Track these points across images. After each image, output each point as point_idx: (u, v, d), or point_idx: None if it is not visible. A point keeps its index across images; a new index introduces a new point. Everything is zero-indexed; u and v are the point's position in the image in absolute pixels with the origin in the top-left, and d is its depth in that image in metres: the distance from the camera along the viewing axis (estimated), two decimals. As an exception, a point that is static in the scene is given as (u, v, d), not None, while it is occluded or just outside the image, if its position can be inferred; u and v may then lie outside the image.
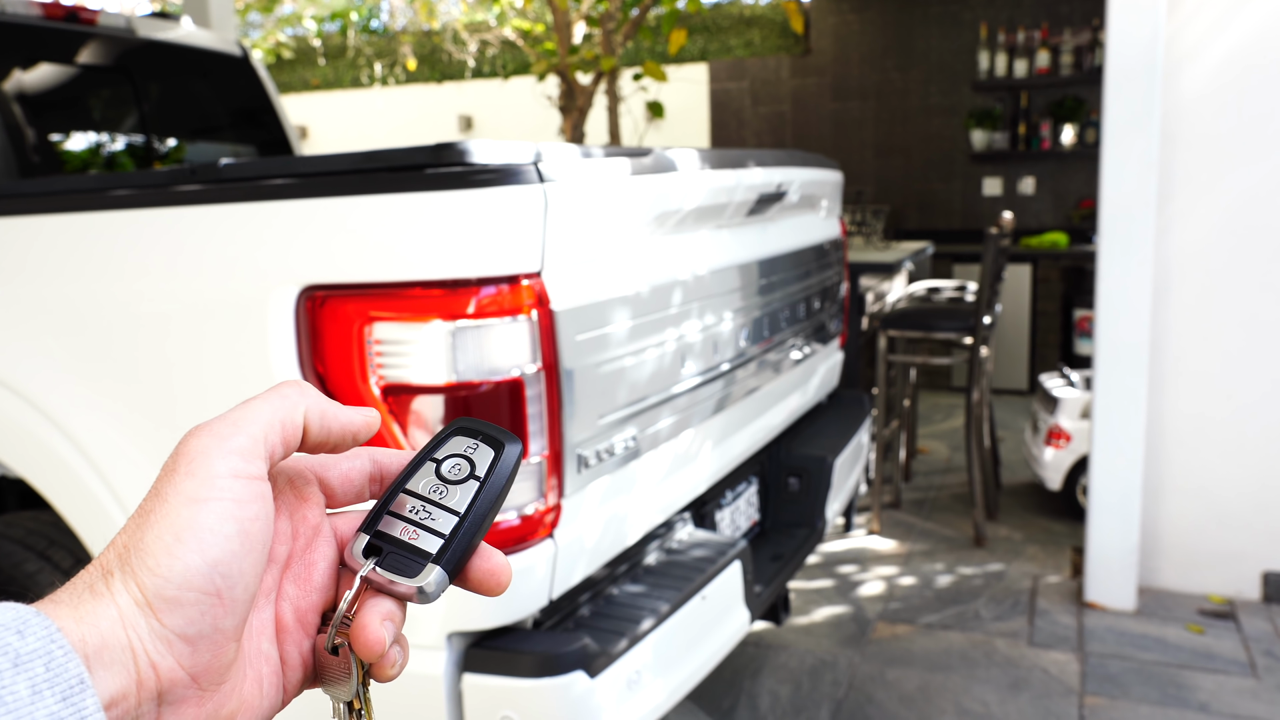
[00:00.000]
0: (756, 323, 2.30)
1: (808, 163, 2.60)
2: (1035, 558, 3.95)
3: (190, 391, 1.60)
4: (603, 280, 1.67)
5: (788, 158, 2.44)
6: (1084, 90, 6.99)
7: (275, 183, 1.54)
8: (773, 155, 2.33)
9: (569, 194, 1.54)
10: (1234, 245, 3.38)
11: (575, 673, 1.51)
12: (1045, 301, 6.68)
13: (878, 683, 3.02)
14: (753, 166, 2.19)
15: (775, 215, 2.41)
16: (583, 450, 1.68)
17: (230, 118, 3.96)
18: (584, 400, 1.64)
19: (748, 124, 8.01)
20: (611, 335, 1.70)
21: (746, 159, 2.18)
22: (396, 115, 9.19)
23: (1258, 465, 3.45)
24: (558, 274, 1.56)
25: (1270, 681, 2.96)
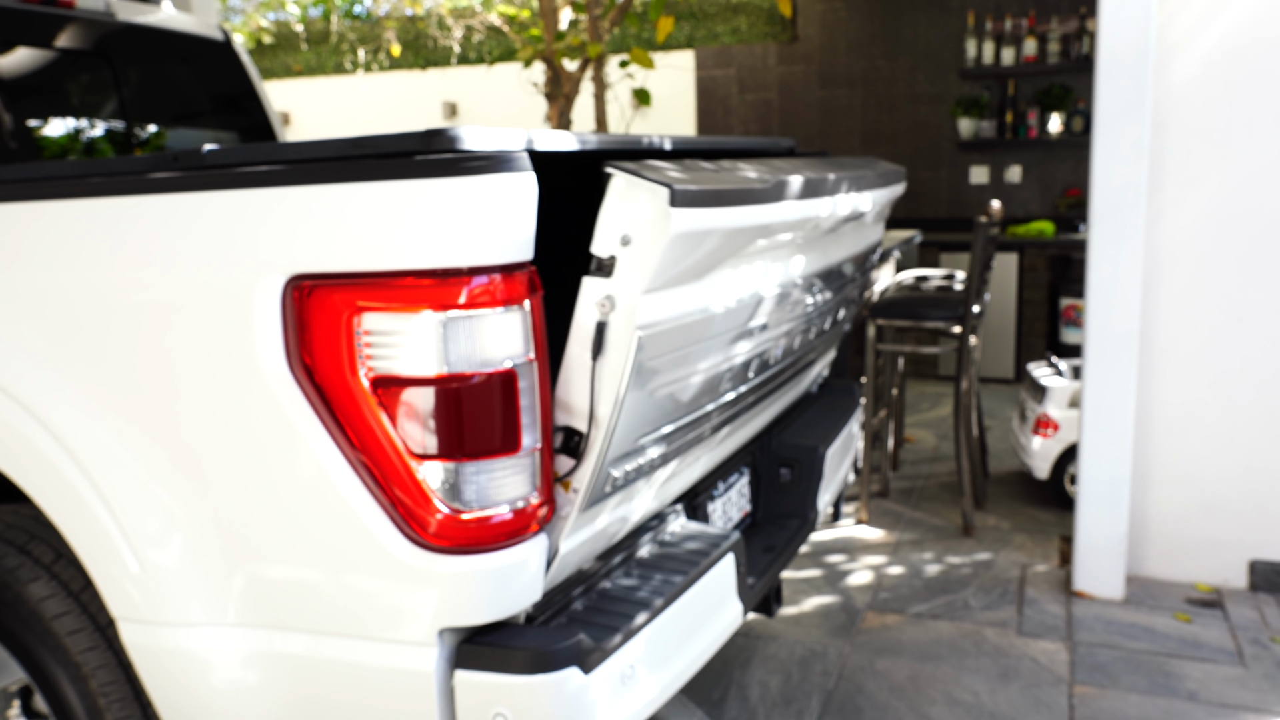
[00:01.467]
0: (800, 332, 2.30)
1: (889, 180, 2.59)
2: (1023, 547, 3.95)
3: (173, 382, 1.57)
4: (681, 303, 1.66)
5: (874, 176, 2.41)
6: (1071, 79, 6.98)
7: (261, 169, 1.50)
8: (860, 175, 2.30)
9: (690, 223, 1.52)
10: (1223, 234, 3.38)
11: (569, 669, 1.49)
12: (1031, 290, 6.69)
13: (867, 672, 3.02)
14: (845, 191, 2.17)
15: (844, 229, 2.40)
16: (614, 470, 1.66)
17: (212, 104, 3.90)
18: (633, 422, 1.64)
19: (734, 111, 7.97)
20: (678, 358, 1.70)
21: (841, 182, 2.15)
22: (380, 102, 9.11)
23: (1245, 454, 3.45)
24: (650, 301, 1.55)
25: (1257, 670, 2.96)
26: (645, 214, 1.49)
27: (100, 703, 1.75)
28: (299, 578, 1.56)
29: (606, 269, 1.54)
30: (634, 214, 1.50)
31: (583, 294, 1.56)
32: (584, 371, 1.58)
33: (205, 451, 1.57)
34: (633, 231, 1.51)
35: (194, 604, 1.61)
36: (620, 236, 1.53)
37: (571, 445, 1.61)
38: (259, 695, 1.62)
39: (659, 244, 1.50)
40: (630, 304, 1.53)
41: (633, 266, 1.52)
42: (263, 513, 1.55)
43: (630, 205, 1.50)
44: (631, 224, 1.51)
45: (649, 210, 1.49)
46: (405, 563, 1.48)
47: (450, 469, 1.45)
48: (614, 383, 1.57)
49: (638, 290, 1.53)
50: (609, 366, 1.56)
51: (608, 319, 1.55)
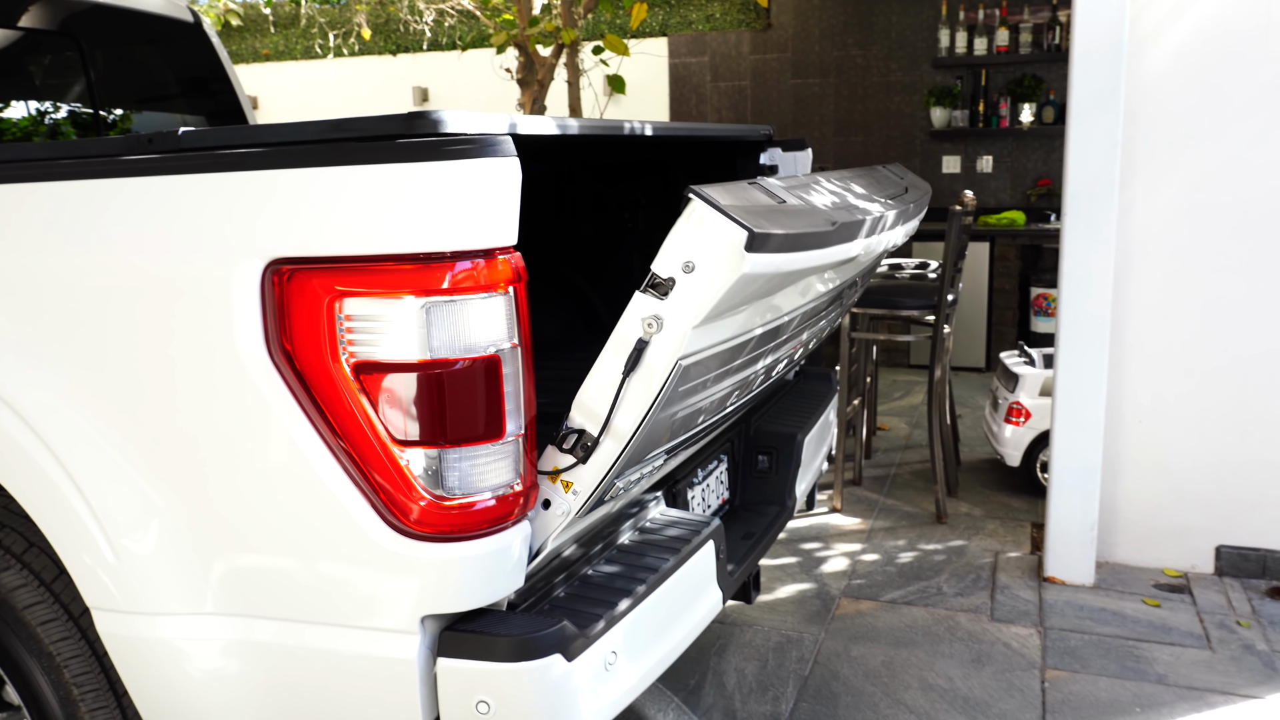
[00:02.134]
0: (810, 339, 2.30)
1: (925, 202, 2.60)
2: (995, 533, 3.99)
3: (150, 368, 1.54)
4: (722, 330, 1.67)
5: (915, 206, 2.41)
6: (1043, 69, 7.03)
7: (239, 152, 1.48)
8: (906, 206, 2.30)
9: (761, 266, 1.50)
10: (1194, 224, 3.42)
11: (552, 656, 1.48)
12: (1003, 279, 6.74)
13: (843, 659, 3.03)
14: (898, 225, 2.17)
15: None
16: (619, 480, 1.65)
17: (180, 86, 3.84)
18: (649, 439, 1.63)
19: (707, 99, 7.96)
20: (706, 381, 1.70)
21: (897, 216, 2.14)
22: (350, 87, 9.01)
23: (1213, 442, 3.50)
24: (698, 332, 1.54)
25: (1224, 653, 3.01)
26: (717, 249, 1.47)
27: (74, 694, 1.72)
28: (279, 566, 1.54)
29: (662, 289, 1.52)
30: (705, 245, 1.47)
31: (631, 308, 1.53)
32: (611, 381, 1.56)
33: (184, 438, 1.55)
34: (700, 262, 1.48)
35: (171, 593, 1.59)
36: (684, 262, 1.50)
37: (578, 446, 1.59)
38: (238, 685, 1.60)
39: (724, 282, 1.47)
40: (679, 332, 1.51)
41: (691, 296, 1.50)
42: (242, 500, 1.53)
43: (703, 235, 1.47)
44: (700, 254, 1.48)
45: (722, 247, 1.46)
46: (387, 550, 1.46)
47: (433, 455, 1.44)
48: (642, 402, 1.56)
49: (690, 321, 1.51)
50: (640, 385, 1.55)
51: (650, 339, 1.53)
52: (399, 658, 1.50)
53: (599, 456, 1.60)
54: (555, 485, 1.62)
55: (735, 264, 1.46)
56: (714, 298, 1.49)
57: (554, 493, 1.62)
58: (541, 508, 1.62)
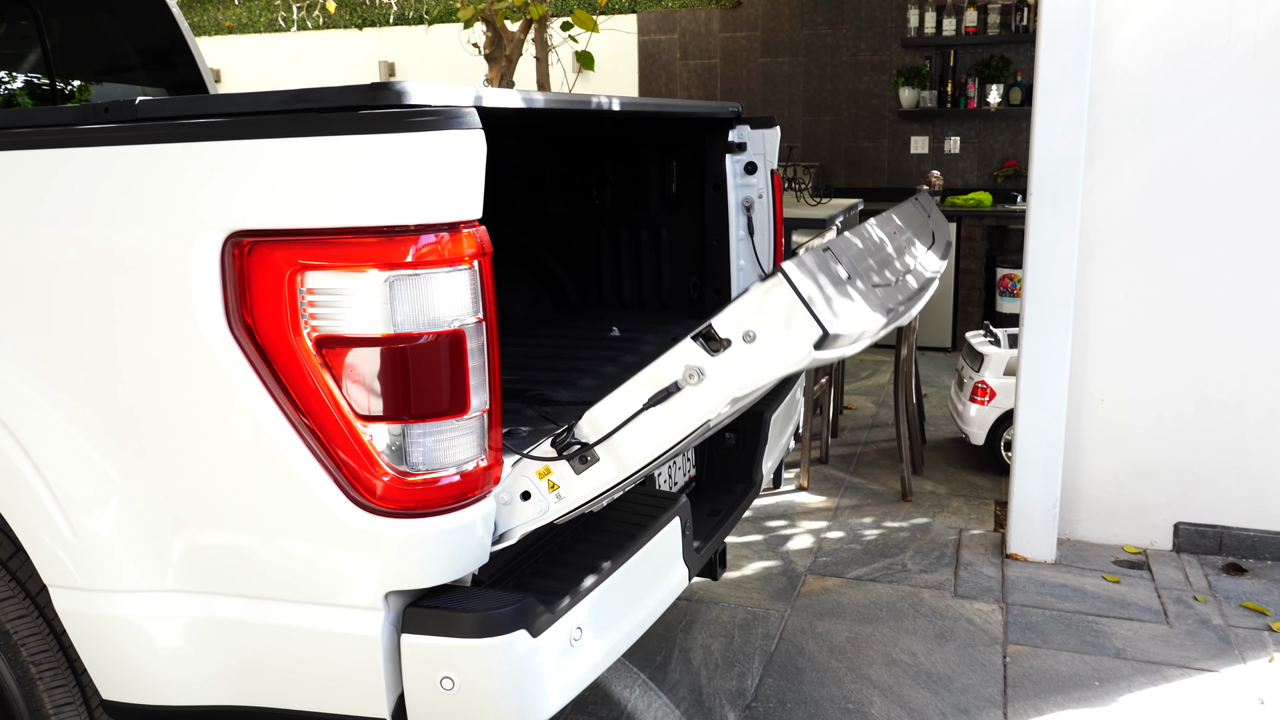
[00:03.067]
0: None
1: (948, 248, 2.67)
2: (960, 511, 4.03)
3: (107, 343, 1.52)
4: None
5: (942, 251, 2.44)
6: (1010, 50, 7.06)
7: (198, 122, 1.45)
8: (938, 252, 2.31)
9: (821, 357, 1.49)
10: (1156, 206, 3.45)
11: (517, 632, 1.48)
12: (968, 260, 6.78)
13: (808, 635, 3.06)
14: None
15: None
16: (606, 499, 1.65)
17: (140, 57, 3.77)
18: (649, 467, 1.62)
19: (677, 77, 7.93)
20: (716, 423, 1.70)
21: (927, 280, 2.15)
22: (315, 61, 8.89)
23: (1173, 421, 3.55)
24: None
25: (1180, 627, 3.06)
26: (787, 337, 1.46)
27: (32, 672, 1.70)
28: (241, 542, 1.52)
29: (714, 347, 1.49)
30: (775, 328, 1.46)
31: (678, 351, 1.51)
32: (630, 406, 1.55)
33: (142, 414, 1.52)
34: (763, 339, 1.47)
35: (131, 570, 1.57)
36: (747, 331, 1.48)
37: (577, 457, 1.57)
38: (199, 662, 1.58)
39: (781, 368, 1.46)
40: (718, 396, 1.50)
41: (742, 366, 1.49)
42: (203, 476, 1.51)
43: (777, 317, 1.45)
44: (767, 332, 1.47)
45: (793, 337, 1.45)
46: (350, 525, 1.45)
47: (396, 431, 1.43)
48: (656, 443, 1.55)
49: (732, 391, 1.50)
50: (661, 424, 1.54)
51: (684, 388, 1.52)
52: (362, 634, 1.49)
53: (596, 475, 1.59)
54: (541, 482, 1.60)
55: (800, 357, 1.46)
56: (765, 378, 1.48)
57: (537, 488, 1.60)
58: (520, 498, 1.60)
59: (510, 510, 1.61)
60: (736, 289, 3.02)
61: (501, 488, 1.60)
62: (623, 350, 2.57)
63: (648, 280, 3.13)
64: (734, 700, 2.73)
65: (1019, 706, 2.67)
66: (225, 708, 1.60)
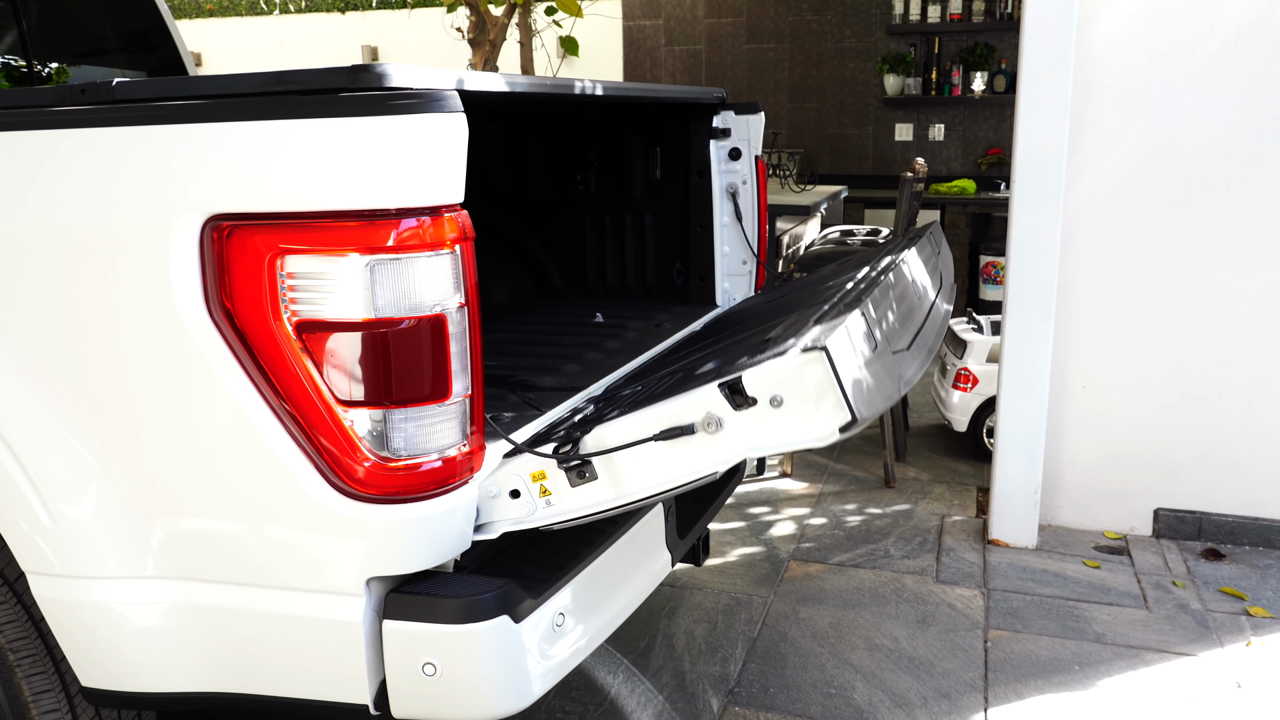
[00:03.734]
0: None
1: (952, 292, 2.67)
2: (942, 497, 4.05)
3: (86, 327, 1.50)
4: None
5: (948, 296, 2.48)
6: (995, 38, 7.06)
7: (177, 104, 1.43)
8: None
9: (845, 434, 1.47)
10: (1139, 193, 3.46)
11: (499, 618, 1.48)
12: (952, 247, 6.79)
13: (791, 620, 3.07)
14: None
15: None
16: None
17: (119, 40, 3.73)
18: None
19: (661, 63, 7.91)
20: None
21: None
22: (297, 45, 8.82)
23: (1154, 408, 3.57)
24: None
25: (1159, 612, 3.09)
26: (815, 414, 1.44)
27: (10, 659, 1.69)
28: (221, 528, 1.51)
29: (739, 402, 1.46)
30: (805, 402, 1.44)
31: (701, 394, 1.49)
32: (639, 431, 1.52)
33: (121, 400, 1.51)
34: (790, 407, 1.44)
35: (110, 556, 1.56)
36: (775, 396, 1.45)
37: (575, 471, 1.55)
38: (179, 648, 1.58)
39: (801, 441, 1.45)
40: (731, 452, 1.48)
41: (761, 429, 1.46)
42: (183, 462, 1.50)
43: (809, 391, 1.43)
44: (795, 403, 1.44)
45: (821, 416, 1.43)
46: (332, 511, 1.45)
47: (378, 416, 1.42)
48: (660, 476, 1.52)
49: (747, 450, 1.47)
50: (667, 460, 1.51)
51: (700, 432, 1.49)
52: (344, 620, 1.48)
53: (590, 492, 1.56)
54: (533, 484, 1.58)
55: (823, 436, 1.44)
56: (782, 447, 1.46)
57: (528, 489, 1.58)
58: (508, 494, 1.59)
59: (495, 504, 1.59)
60: (720, 275, 3.02)
61: (491, 479, 1.59)
62: (606, 336, 2.56)
63: (632, 266, 3.12)
64: (717, 685, 2.73)
65: (999, 691, 2.69)
66: (205, 694, 1.60)
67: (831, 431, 1.43)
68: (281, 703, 1.58)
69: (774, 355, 1.49)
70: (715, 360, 1.80)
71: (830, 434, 1.43)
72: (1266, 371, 3.44)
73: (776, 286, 3.16)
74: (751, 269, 3.03)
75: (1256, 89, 3.29)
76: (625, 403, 1.77)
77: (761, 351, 1.70)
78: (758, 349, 1.73)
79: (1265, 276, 3.38)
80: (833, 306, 1.86)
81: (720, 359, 1.80)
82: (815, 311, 1.89)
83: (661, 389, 1.72)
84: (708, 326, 2.70)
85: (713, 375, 1.61)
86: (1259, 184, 3.34)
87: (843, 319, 1.58)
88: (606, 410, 1.76)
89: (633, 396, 1.78)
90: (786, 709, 2.62)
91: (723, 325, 2.54)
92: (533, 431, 1.79)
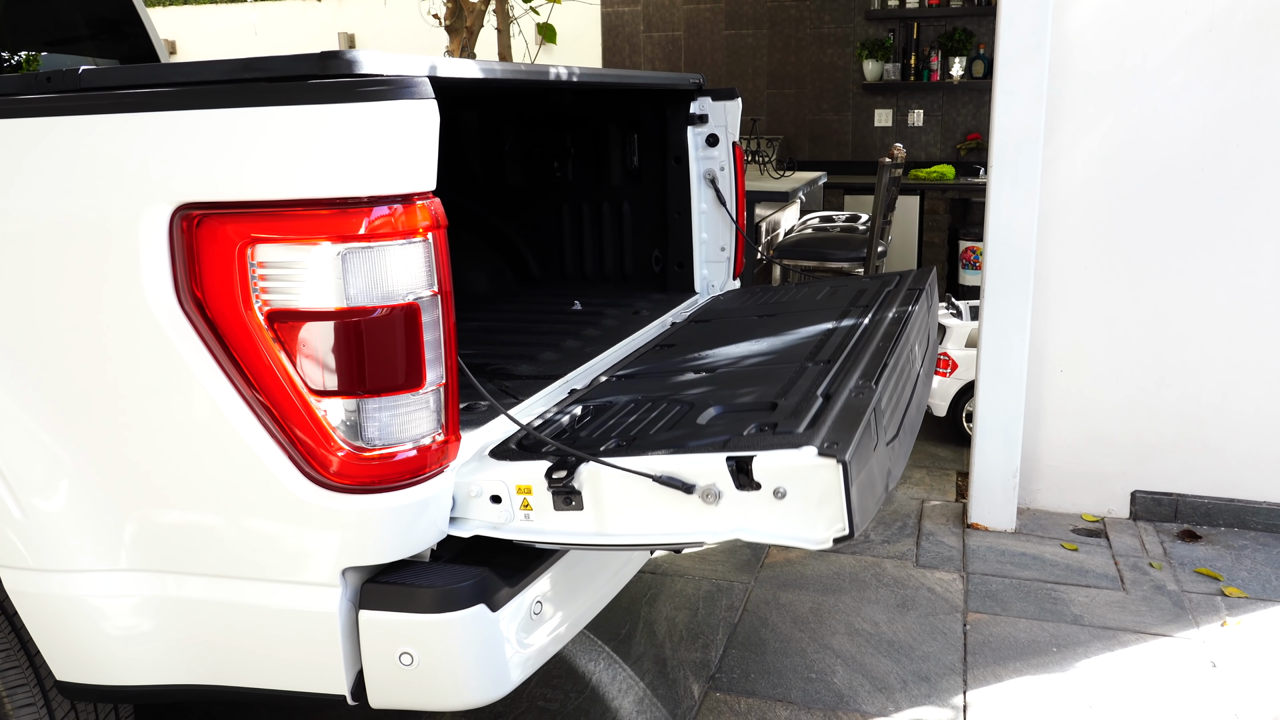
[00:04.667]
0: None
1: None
2: (921, 482, 4.07)
3: (54, 319, 1.48)
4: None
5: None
6: (973, 23, 7.07)
7: (144, 92, 1.42)
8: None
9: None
10: (1114, 178, 3.48)
11: (476, 607, 1.48)
12: (932, 233, 6.82)
13: (771, 606, 3.08)
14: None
15: None
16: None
17: (89, 28, 3.68)
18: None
19: (640, 49, 7.88)
20: None
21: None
22: (273, 32, 8.74)
23: (1129, 390, 3.59)
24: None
25: (1136, 594, 3.12)
26: (813, 519, 1.43)
27: (-17, 654, 1.67)
28: (195, 520, 1.50)
29: (743, 483, 1.44)
30: (806, 501, 1.42)
31: (708, 459, 1.46)
32: (639, 465, 1.50)
33: (91, 392, 1.50)
34: (791, 502, 1.42)
35: (83, 550, 1.54)
36: (780, 488, 1.43)
37: (560, 496, 1.53)
38: (154, 641, 1.57)
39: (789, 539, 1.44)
40: (723, 527, 1.46)
41: (756, 516, 1.45)
42: (155, 454, 1.49)
43: (814, 496, 1.42)
44: (797, 499, 1.42)
45: (818, 521, 1.42)
46: (306, 502, 1.44)
47: (351, 406, 1.41)
48: (646, 522, 1.51)
49: (737, 532, 1.46)
50: (657, 507, 1.50)
51: (695, 498, 1.47)
52: (320, 611, 1.48)
53: (571, 520, 1.54)
54: (516, 495, 1.56)
55: (817, 540, 1.43)
56: (772, 539, 1.45)
57: (510, 499, 1.56)
58: (489, 499, 1.57)
59: (473, 504, 1.57)
60: (699, 262, 3.01)
61: (475, 478, 1.57)
62: (584, 324, 2.56)
63: (610, 253, 3.12)
64: (698, 672, 2.74)
65: (979, 673, 2.71)
66: (182, 687, 1.59)
67: (826, 539, 1.42)
68: (258, 694, 1.58)
69: (788, 443, 1.46)
70: (718, 405, 1.76)
71: (824, 541, 1.42)
72: (1241, 354, 3.47)
73: (762, 287, 3.15)
74: (730, 255, 3.03)
75: (1228, 74, 3.31)
76: (623, 419, 1.75)
77: (770, 411, 1.68)
78: (765, 411, 1.70)
79: (1240, 260, 3.41)
80: (838, 375, 1.85)
81: (723, 405, 1.77)
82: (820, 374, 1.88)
83: (664, 423, 1.71)
84: (698, 321, 2.67)
85: (720, 428, 1.60)
86: (1232, 168, 3.36)
87: (859, 422, 1.54)
88: (602, 423, 1.74)
89: (631, 421, 1.75)
90: (767, 694, 2.64)
91: (716, 330, 2.51)
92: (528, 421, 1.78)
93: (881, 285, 2.83)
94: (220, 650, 1.56)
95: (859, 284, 2.90)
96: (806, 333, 2.31)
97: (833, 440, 1.47)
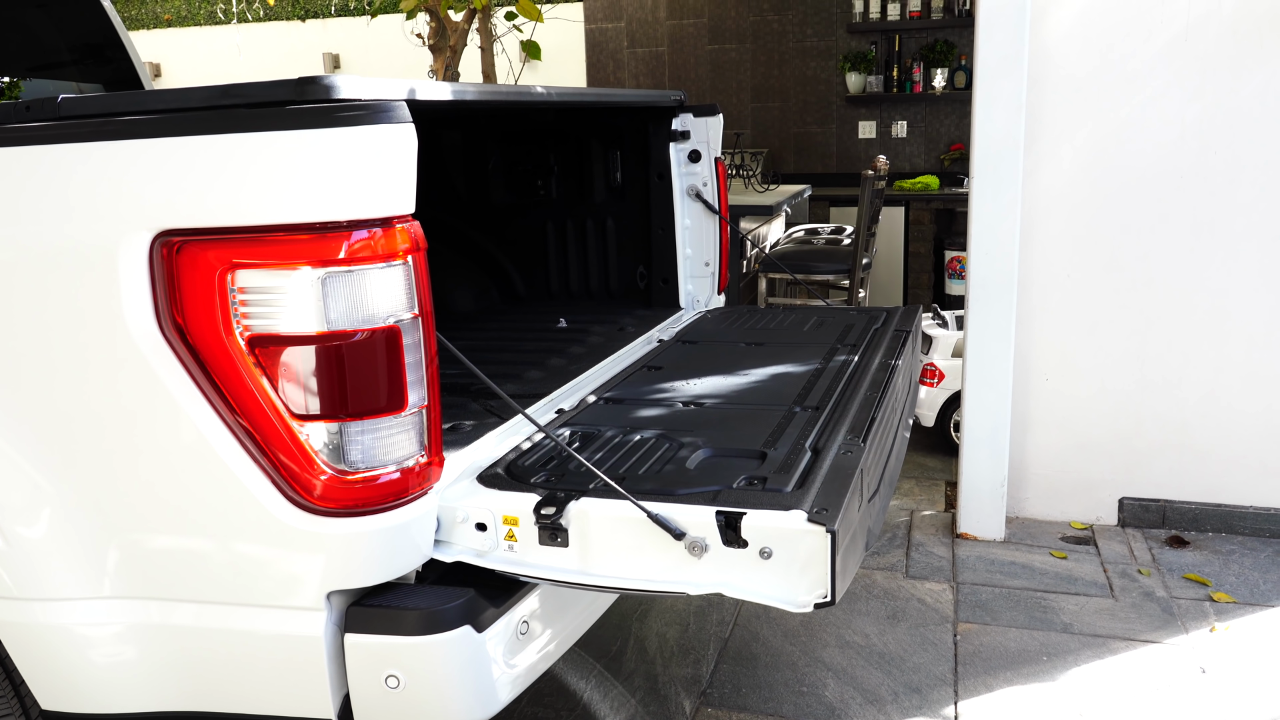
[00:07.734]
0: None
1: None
2: (911, 493, 4.07)
3: (34, 347, 1.48)
4: None
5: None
6: (954, 34, 7.12)
7: (123, 120, 1.42)
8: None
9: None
10: (1095, 185, 3.50)
11: (462, 628, 1.48)
12: (917, 243, 6.85)
13: (762, 620, 3.08)
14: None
15: None
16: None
17: (72, 53, 3.68)
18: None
19: (624, 65, 7.91)
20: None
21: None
22: (257, 54, 8.75)
23: (1115, 397, 3.61)
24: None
25: (1125, 601, 3.13)
26: (795, 578, 1.44)
27: (-33, 684, 1.66)
28: (179, 546, 1.50)
29: (730, 539, 1.45)
30: (790, 564, 1.44)
31: (700, 513, 1.47)
32: (622, 525, 1.51)
33: (73, 420, 1.50)
34: (776, 564, 1.43)
35: (67, 578, 1.54)
36: (766, 548, 1.44)
37: (546, 531, 1.54)
38: (140, 668, 1.56)
39: (769, 600, 1.45)
40: (704, 580, 1.48)
41: (741, 573, 1.46)
42: (138, 482, 1.49)
43: (799, 556, 1.43)
44: (782, 561, 1.43)
45: (799, 587, 1.44)
46: (290, 526, 1.44)
47: (334, 429, 1.42)
48: (631, 566, 1.52)
49: (719, 585, 1.47)
50: (643, 552, 1.50)
51: (680, 548, 1.48)
52: (305, 635, 1.48)
53: (555, 556, 1.54)
54: (502, 526, 1.56)
55: (798, 603, 1.44)
56: (754, 597, 1.46)
57: (495, 528, 1.56)
58: (475, 526, 1.57)
59: (458, 530, 1.57)
60: (684, 277, 3.02)
61: (461, 504, 1.57)
62: (570, 341, 2.56)
63: (595, 270, 3.12)
64: (690, 687, 2.74)
65: (969, 684, 2.72)
66: (167, 714, 1.58)
67: (807, 604, 1.43)
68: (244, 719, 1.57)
69: (778, 503, 1.47)
70: (707, 449, 1.78)
71: (805, 605, 1.43)
72: (1224, 359, 3.49)
73: (749, 308, 3.15)
74: (714, 271, 3.04)
75: (1205, 81, 3.34)
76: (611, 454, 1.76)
77: (760, 462, 1.70)
78: (754, 459, 1.72)
79: (1221, 264, 3.43)
80: (826, 425, 1.87)
81: (712, 449, 1.78)
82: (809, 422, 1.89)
83: (652, 462, 1.71)
84: (685, 342, 2.66)
85: (709, 476, 1.62)
86: (1211, 174, 3.39)
87: (847, 487, 1.56)
88: (590, 455, 1.73)
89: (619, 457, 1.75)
90: (759, 709, 2.63)
91: (703, 355, 2.52)
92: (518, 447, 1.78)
93: (869, 322, 2.84)
94: (206, 676, 1.56)
95: (847, 317, 2.91)
96: (794, 370, 2.31)
97: (822, 506, 1.48)
